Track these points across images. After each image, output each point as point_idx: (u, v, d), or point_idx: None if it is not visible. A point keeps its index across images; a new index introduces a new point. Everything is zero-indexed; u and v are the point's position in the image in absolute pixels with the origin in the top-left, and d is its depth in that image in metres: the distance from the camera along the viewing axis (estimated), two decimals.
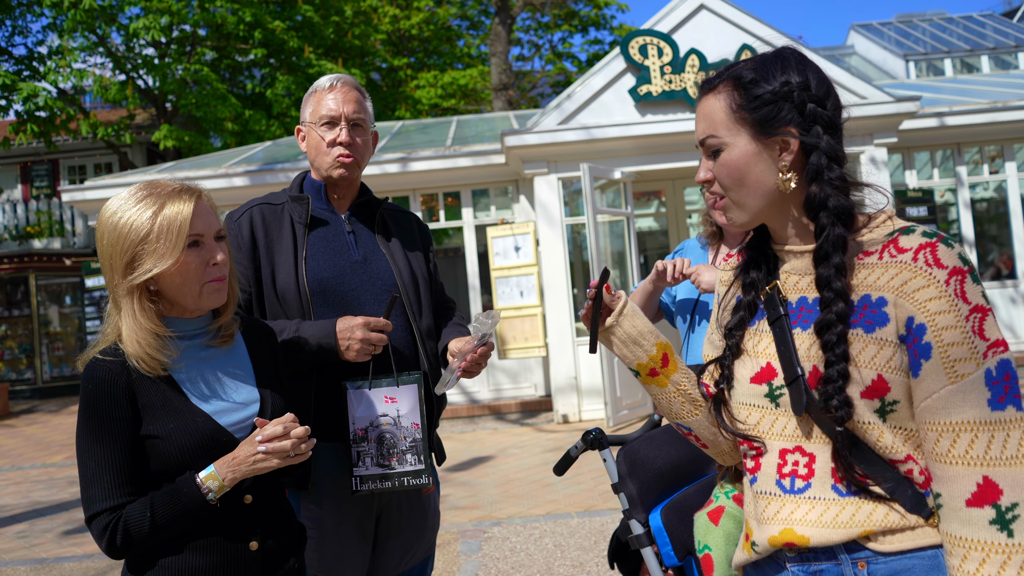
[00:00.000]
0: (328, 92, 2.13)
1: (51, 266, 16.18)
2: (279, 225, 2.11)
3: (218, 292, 1.61)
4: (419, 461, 1.99)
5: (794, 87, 1.31)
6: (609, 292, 1.48)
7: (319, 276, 2.06)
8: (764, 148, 1.32)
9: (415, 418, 2.00)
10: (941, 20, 22.55)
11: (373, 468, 1.98)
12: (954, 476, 1.20)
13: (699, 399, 1.51)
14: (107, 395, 1.52)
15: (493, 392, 9.83)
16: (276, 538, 1.66)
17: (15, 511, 6.75)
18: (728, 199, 1.37)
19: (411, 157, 9.53)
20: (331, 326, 1.97)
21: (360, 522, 2.06)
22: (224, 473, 1.53)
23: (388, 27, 20.22)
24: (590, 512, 5.29)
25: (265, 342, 1.78)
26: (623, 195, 8.84)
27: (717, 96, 1.35)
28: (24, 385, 15.82)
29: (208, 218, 1.60)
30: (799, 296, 1.35)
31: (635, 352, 1.48)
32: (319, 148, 2.12)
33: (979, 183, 10.83)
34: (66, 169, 18.68)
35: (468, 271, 9.98)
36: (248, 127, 15.97)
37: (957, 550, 1.19)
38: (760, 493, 1.35)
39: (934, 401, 1.21)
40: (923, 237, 1.25)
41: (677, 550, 2.41)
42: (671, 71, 8.73)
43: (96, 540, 1.52)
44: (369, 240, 2.18)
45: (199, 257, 1.58)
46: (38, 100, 13.46)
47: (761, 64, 1.34)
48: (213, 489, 1.52)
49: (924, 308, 1.21)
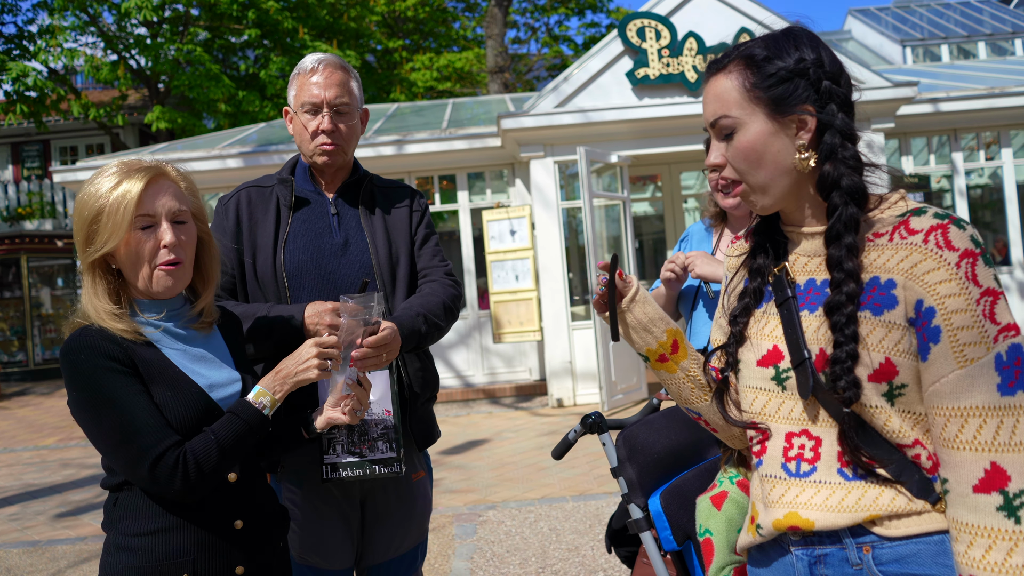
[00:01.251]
0: (310, 75, 2.06)
1: (43, 248, 16.06)
2: (264, 208, 2.08)
3: (167, 278, 1.56)
4: (391, 448, 1.94)
5: (809, 64, 1.28)
6: (621, 278, 1.46)
7: (296, 259, 2.03)
8: (781, 127, 1.28)
9: (387, 404, 1.95)
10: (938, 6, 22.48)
11: (344, 455, 1.94)
12: (961, 461, 1.18)
13: (708, 384, 1.49)
14: (105, 356, 1.48)
15: (488, 376, 9.82)
16: (261, 518, 1.65)
17: (7, 493, 6.72)
18: (746, 184, 1.33)
19: (406, 140, 9.46)
20: (300, 310, 1.93)
21: (341, 507, 2.03)
22: (273, 387, 1.59)
23: (383, 8, 20.05)
24: (585, 496, 5.29)
25: (236, 328, 1.80)
26: (619, 179, 8.80)
27: (728, 75, 1.31)
28: (16, 367, 15.74)
29: (164, 199, 1.55)
30: (807, 278, 1.33)
31: (645, 338, 1.47)
32: (303, 135, 2.09)
33: (975, 169, 10.81)
34: (57, 150, 18.53)
35: (463, 255, 9.95)
36: (241, 108, 15.85)
37: (963, 536, 1.18)
38: (766, 476, 1.34)
39: (942, 385, 1.19)
40: (934, 219, 1.23)
41: (676, 535, 2.40)
42: (669, 54, 8.67)
43: (165, 484, 1.46)
44: (353, 220, 2.13)
45: (150, 238, 1.54)
46: (28, 80, 13.30)
47: (773, 42, 1.31)
48: (267, 404, 1.57)
49: (934, 291, 1.19)
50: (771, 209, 1.35)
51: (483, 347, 9.84)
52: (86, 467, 7.59)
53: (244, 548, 1.60)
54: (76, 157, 18.35)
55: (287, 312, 1.93)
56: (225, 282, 2.03)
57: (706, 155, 1.41)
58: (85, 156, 18.07)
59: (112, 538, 1.57)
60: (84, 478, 7.11)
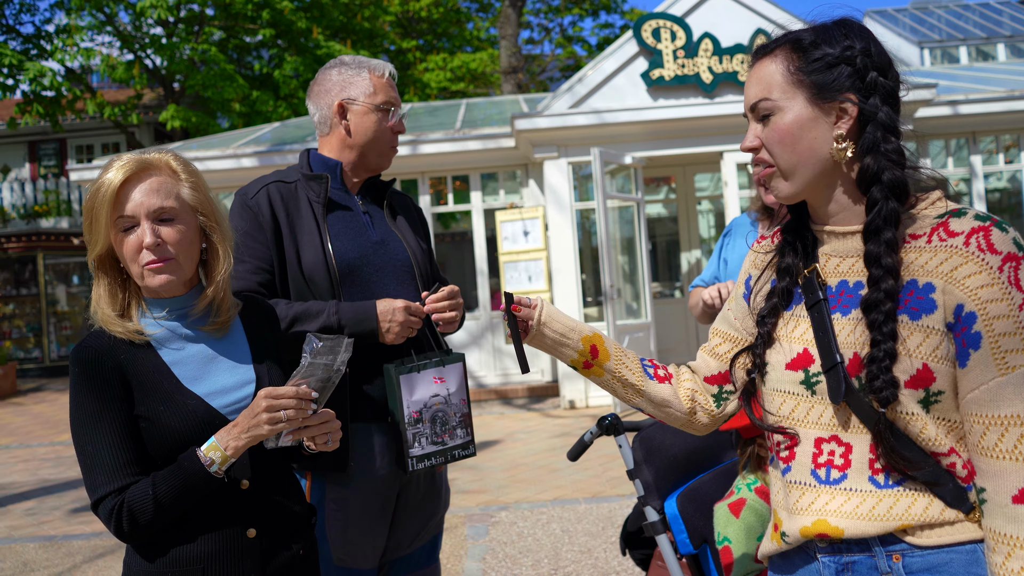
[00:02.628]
0: (383, 79, 2.13)
1: (59, 245, 16.18)
2: (296, 204, 2.07)
3: (154, 277, 1.52)
4: (467, 434, 2.08)
5: (856, 52, 1.25)
6: (518, 310, 1.47)
7: (346, 257, 2.03)
8: (821, 114, 1.26)
9: (463, 394, 2.08)
10: (957, 7, 22.31)
11: (428, 447, 2.01)
12: (1001, 471, 1.15)
13: (637, 383, 1.49)
14: (95, 376, 1.48)
15: (500, 377, 9.82)
16: (277, 524, 1.60)
17: (24, 488, 6.77)
18: (776, 168, 1.30)
19: (420, 140, 9.47)
20: (371, 308, 1.96)
21: (383, 503, 2.05)
22: (225, 442, 1.45)
23: (397, 9, 20.09)
24: (598, 498, 5.27)
25: (265, 323, 1.71)
26: (633, 180, 8.77)
27: (774, 59, 1.29)
28: (32, 364, 15.87)
29: (142, 198, 1.50)
30: (839, 280, 1.30)
31: (563, 352, 1.50)
32: (379, 134, 2.11)
33: (993, 173, 10.72)
34: (73, 148, 18.67)
35: (476, 255, 9.94)
36: (255, 108, 15.93)
37: (1001, 547, 1.15)
38: (793, 483, 1.31)
39: (982, 393, 1.16)
40: (975, 220, 1.20)
41: (692, 538, 2.38)
42: (684, 55, 8.64)
43: (105, 525, 1.48)
44: (382, 221, 2.16)
45: (133, 240, 1.50)
46: (45, 80, 13.41)
47: (822, 29, 1.29)
48: (216, 460, 1.44)
49: (975, 295, 1.16)
50: (793, 198, 1.32)
51: (495, 348, 9.83)
52: None
53: (258, 557, 1.55)
54: (92, 155, 18.47)
55: (359, 311, 1.96)
56: (264, 280, 1.99)
57: None
58: (101, 154, 18.20)
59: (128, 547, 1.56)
60: None
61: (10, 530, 5.48)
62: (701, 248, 11.56)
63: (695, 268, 11.34)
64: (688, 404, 1.51)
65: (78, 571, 4.56)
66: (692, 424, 1.52)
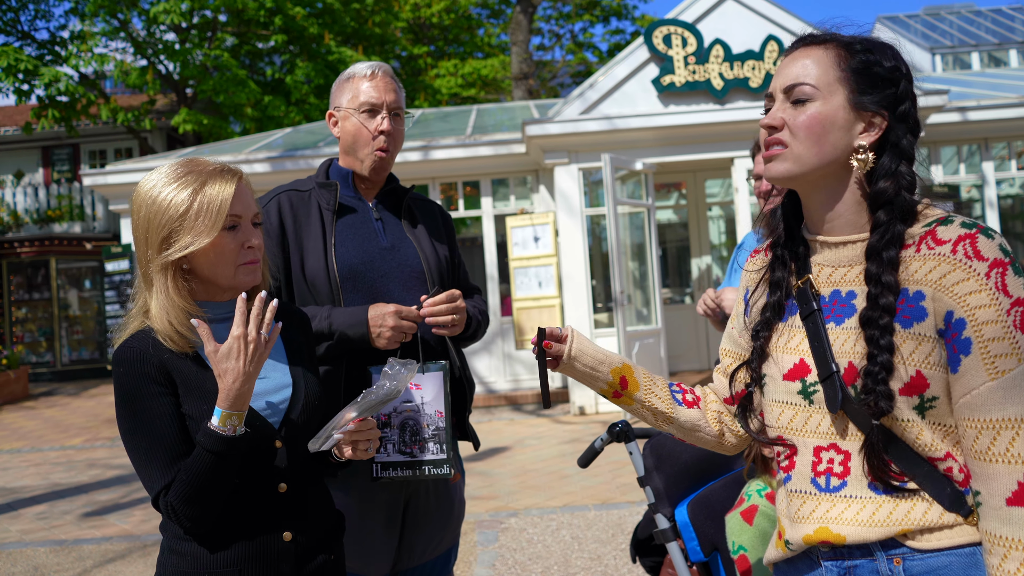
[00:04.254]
0: (368, 80, 2.10)
1: (71, 250, 16.27)
2: (307, 211, 2.08)
3: (252, 273, 1.59)
4: (441, 450, 1.96)
5: (902, 76, 1.29)
6: (549, 346, 1.49)
7: (348, 263, 2.04)
8: (854, 118, 1.28)
9: (439, 406, 1.98)
10: (969, 13, 22.21)
11: (395, 455, 1.96)
12: (994, 474, 1.17)
13: (667, 411, 1.51)
14: (141, 375, 1.50)
15: (511, 383, 9.81)
16: (311, 529, 1.62)
17: (35, 492, 6.80)
18: (789, 149, 1.30)
19: (431, 146, 9.49)
20: (363, 313, 1.95)
21: (386, 512, 2.04)
22: (222, 405, 1.45)
23: (409, 15, 20.16)
24: (607, 505, 5.26)
25: (299, 328, 1.75)
26: (644, 186, 8.76)
27: (826, 49, 1.31)
28: (44, 368, 15.95)
29: (247, 201, 1.59)
30: (832, 290, 1.32)
31: (593, 383, 1.53)
32: (358, 135, 2.09)
33: (1005, 179, 10.65)
34: (87, 153, 18.79)
35: (487, 261, 9.96)
36: (267, 113, 16.00)
37: (997, 549, 1.17)
38: (794, 492, 1.33)
39: (973, 397, 1.19)
40: (962, 228, 1.22)
41: (703, 545, 2.37)
42: (695, 61, 8.63)
43: (168, 520, 1.49)
44: (396, 227, 2.16)
45: (235, 239, 1.56)
46: (60, 85, 13.52)
47: (875, 42, 1.32)
48: (218, 423, 1.43)
49: (964, 302, 1.18)
50: (790, 182, 1.32)
51: (505, 353, 9.83)
52: (112, 467, 7.67)
53: (293, 560, 1.56)
54: (105, 160, 18.58)
55: (351, 316, 1.95)
56: (272, 287, 2.02)
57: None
58: (114, 159, 18.30)
59: (166, 540, 1.57)
60: (110, 478, 7.19)
61: (21, 534, 5.51)
62: (711, 254, 11.54)
63: (705, 274, 11.31)
64: (716, 427, 1.53)
65: (88, 575, 4.58)
66: (722, 446, 1.55)
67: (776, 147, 1.31)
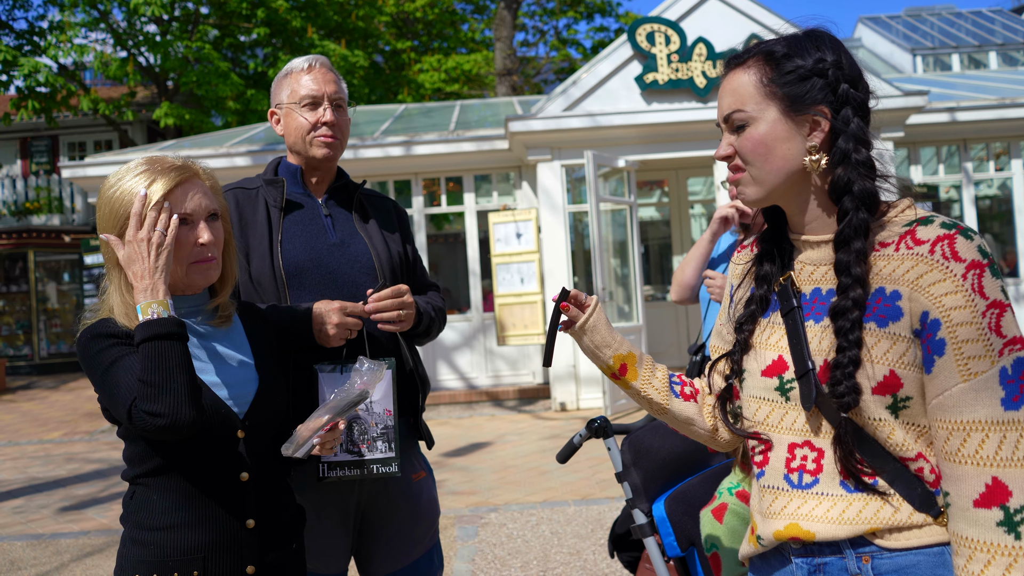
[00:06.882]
0: (306, 73, 2.08)
1: (50, 243, 16.11)
2: (253, 209, 2.06)
3: (204, 272, 1.59)
4: (389, 448, 1.95)
5: (828, 65, 1.27)
6: (568, 311, 1.48)
7: (295, 260, 2.01)
8: (794, 125, 1.28)
9: (387, 404, 1.96)
10: (950, 15, 22.42)
11: (342, 454, 1.94)
12: (963, 476, 1.17)
13: (662, 402, 1.51)
14: (105, 335, 1.50)
15: (491, 378, 9.82)
16: (274, 518, 1.64)
17: (12, 486, 6.74)
18: (747, 174, 1.32)
19: (414, 141, 9.47)
20: (307, 311, 1.92)
21: (340, 510, 2.01)
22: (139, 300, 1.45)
23: (392, 9, 20.08)
24: (587, 500, 5.28)
25: (262, 325, 1.77)
26: (626, 184, 8.79)
27: (747, 70, 1.31)
28: (22, 361, 15.79)
29: (198, 197, 1.58)
30: (813, 287, 1.33)
31: (596, 360, 1.52)
32: (300, 130, 2.07)
33: (984, 180, 10.78)
34: (66, 145, 18.59)
35: (469, 256, 9.95)
36: (250, 107, 15.88)
37: (963, 550, 1.17)
38: (767, 487, 1.34)
39: (946, 399, 1.18)
40: (941, 228, 1.22)
41: (680, 541, 2.40)
42: (678, 59, 8.66)
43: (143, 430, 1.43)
44: (347, 223, 2.13)
45: (184, 237, 1.55)
46: (39, 76, 13.34)
47: (794, 41, 1.30)
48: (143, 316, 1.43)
49: (939, 303, 1.18)
50: (761, 203, 1.34)
51: (487, 349, 9.83)
52: (90, 462, 7.61)
53: (256, 548, 1.58)
54: (84, 153, 18.40)
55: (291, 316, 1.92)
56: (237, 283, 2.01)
57: None
58: (93, 152, 18.13)
59: (127, 531, 1.57)
60: (88, 472, 7.13)
61: None
62: None
63: None
64: (711, 422, 1.53)
65: (66, 569, 4.55)
66: (715, 441, 1.55)
67: (738, 172, 1.34)
